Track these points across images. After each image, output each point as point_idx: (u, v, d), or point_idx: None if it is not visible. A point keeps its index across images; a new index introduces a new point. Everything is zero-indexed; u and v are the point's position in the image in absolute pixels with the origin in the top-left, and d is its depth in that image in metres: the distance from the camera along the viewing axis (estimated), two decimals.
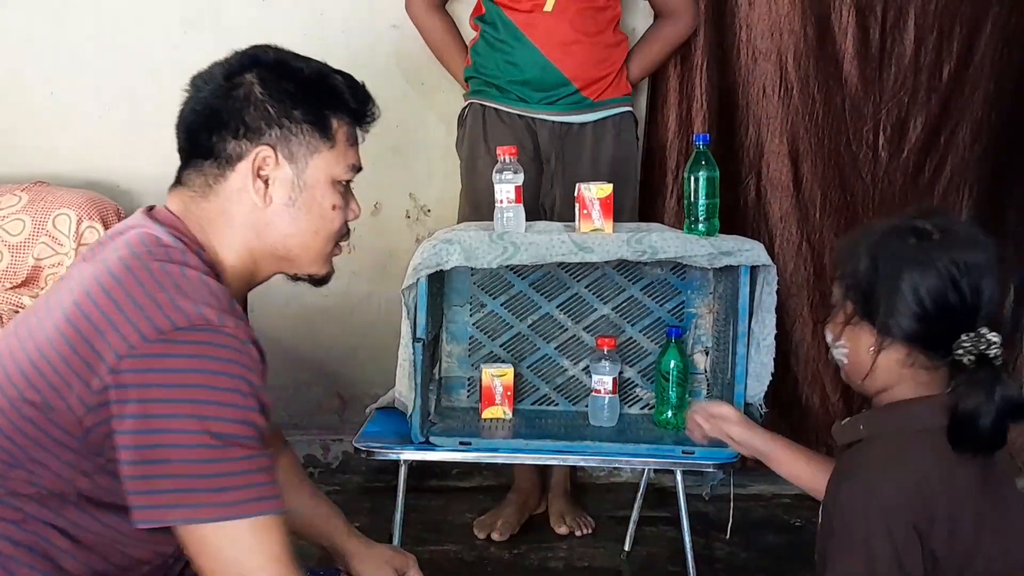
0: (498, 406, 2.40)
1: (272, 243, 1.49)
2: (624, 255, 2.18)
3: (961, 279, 1.49)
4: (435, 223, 3.25)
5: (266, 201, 1.46)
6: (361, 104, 1.55)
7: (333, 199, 1.52)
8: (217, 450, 1.26)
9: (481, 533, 2.97)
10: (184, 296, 1.30)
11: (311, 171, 1.48)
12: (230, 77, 1.46)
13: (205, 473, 1.26)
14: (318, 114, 1.48)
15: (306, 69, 1.50)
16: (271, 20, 3.19)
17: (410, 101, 3.27)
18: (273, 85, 1.46)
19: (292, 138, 1.46)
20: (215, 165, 1.46)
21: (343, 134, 1.52)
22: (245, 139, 1.44)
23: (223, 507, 1.26)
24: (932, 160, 3.25)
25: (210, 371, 1.28)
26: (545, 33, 2.83)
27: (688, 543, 2.30)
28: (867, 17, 3.16)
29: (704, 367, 2.49)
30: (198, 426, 1.25)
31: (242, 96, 1.45)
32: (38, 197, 2.96)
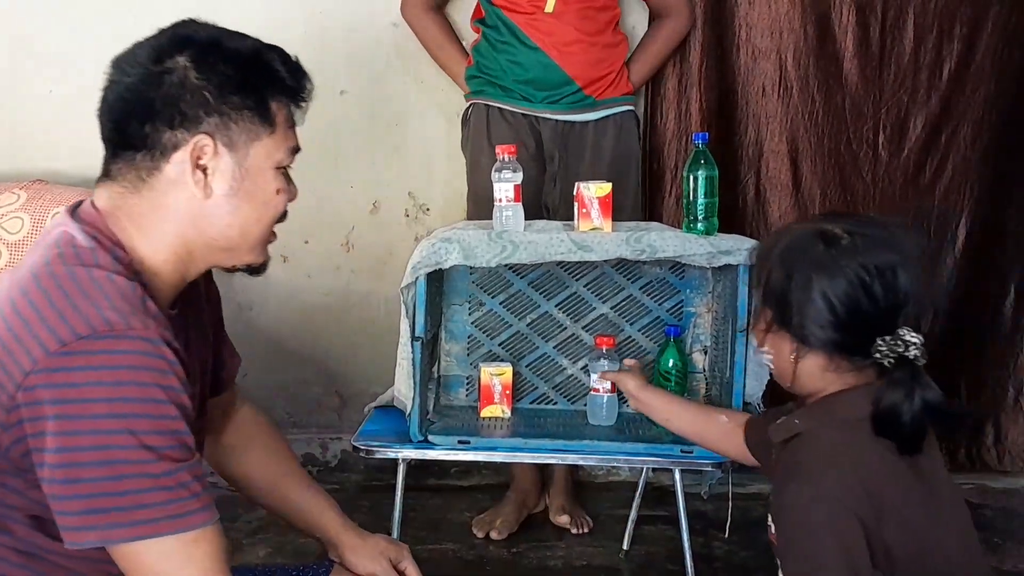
0: (497, 405, 2.39)
1: (211, 235, 1.40)
2: (623, 254, 2.17)
3: (872, 283, 1.48)
4: (434, 222, 3.25)
5: (206, 192, 1.37)
6: (298, 83, 1.45)
7: (276, 184, 1.43)
8: (132, 465, 1.20)
9: (480, 532, 2.97)
10: (89, 301, 1.24)
11: (252, 158, 1.40)
12: (160, 60, 1.35)
13: (120, 490, 1.20)
14: (258, 98, 1.39)
15: (242, 49, 1.40)
16: (270, 18, 3.18)
17: (409, 99, 3.27)
18: (209, 69, 1.36)
19: (232, 125, 1.37)
20: (148, 157, 1.36)
21: (283, 117, 1.43)
22: (182, 128, 1.35)
23: (143, 525, 1.21)
24: (933, 159, 3.25)
25: (116, 382, 1.21)
26: (546, 34, 2.85)
27: (687, 542, 2.29)
28: (867, 16, 3.16)
29: (703, 366, 2.49)
30: (108, 440, 1.19)
31: (176, 82, 1.35)
32: (37, 195, 2.96)
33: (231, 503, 2.98)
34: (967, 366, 3.37)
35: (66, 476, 1.20)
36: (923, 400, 1.44)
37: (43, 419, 1.20)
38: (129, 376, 1.21)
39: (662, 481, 3.16)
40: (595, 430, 2.33)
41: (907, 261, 1.51)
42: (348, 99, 3.26)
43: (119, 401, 1.20)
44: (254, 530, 2.92)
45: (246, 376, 3.23)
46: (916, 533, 1.45)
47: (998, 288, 3.35)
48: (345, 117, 3.27)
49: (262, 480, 1.76)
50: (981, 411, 3.39)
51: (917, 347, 1.47)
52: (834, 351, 1.52)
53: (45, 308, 1.24)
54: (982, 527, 3.04)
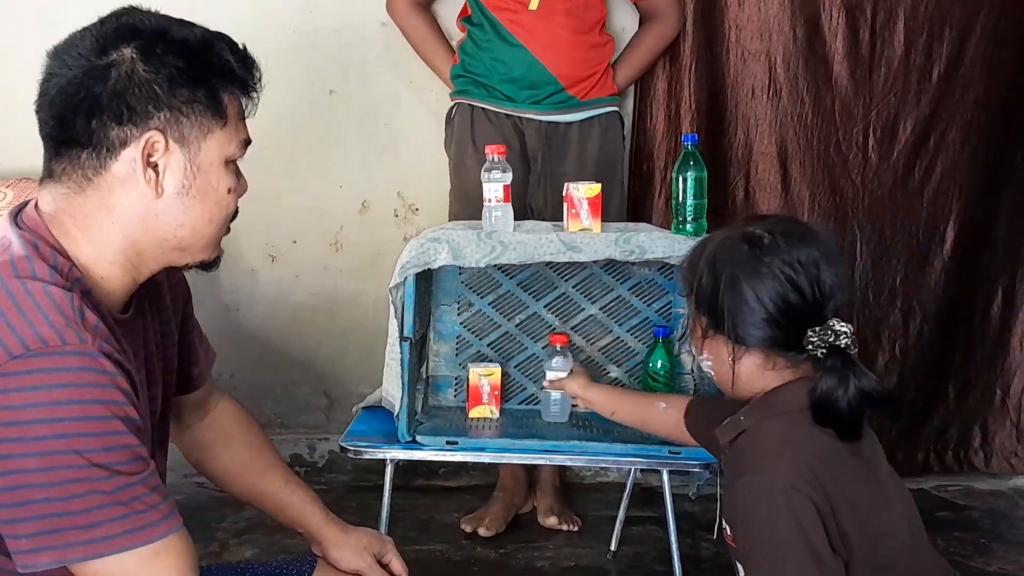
0: (485, 405, 2.39)
1: (162, 235, 1.35)
2: (612, 255, 2.17)
3: (798, 277, 1.51)
4: (423, 222, 3.24)
5: (157, 191, 1.32)
6: (249, 72, 1.40)
7: (228, 182, 1.38)
8: (82, 483, 1.16)
9: (468, 527, 2.97)
10: (23, 319, 1.18)
11: (204, 154, 1.34)
12: (104, 52, 1.29)
13: (72, 510, 1.16)
14: (208, 90, 1.33)
15: (190, 39, 1.34)
16: (261, 18, 3.18)
17: (399, 99, 3.27)
18: (157, 61, 1.30)
19: (183, 119, 1.31)
20: (94, 155, 1.30)
21: (234, 109, 1.38)
22: (130, 124, 1.29)
23: (101, 543, 1.18)
24: (922, 162, 3.26)
25: (54, 402, 1.15)
26: (531, 31, 2.86)
27: (674, 543, 2.29)
28: (857, 18, 3.17)
29: (691, 367, 2.48)
30: (55, 462, 1.15)
31: (124, 75, 1.28)
32: (24, 193, 2.95)
33: (219, 503, 3.00)
34: (955, 369, 3.38)
35: (13, 499, 1.16)
36: (857, 387, 1.47)
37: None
38: (67, 395, 1.16)
39: (650, 482, 3.16)
40: (583, 431, 2.33)
41: (828, 254, 1.55)
42: (337, 99, 3.26)
43: (60, 421, 1.15)
44: (241, 530, 2.92)
45: (234, 376, 3.28)
46: (866, 517, 1.46)
47: (986, 291, 3.36)
48: (334, 117, 3.26)
49: (242, 475, 1.74)
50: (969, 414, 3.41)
51: (847, 336, 1.50)
52: (770, 348, 1.54)
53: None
54: (969, 528, 3.08)
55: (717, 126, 3.21)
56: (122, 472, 1.19)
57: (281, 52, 3.23)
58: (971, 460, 3.42)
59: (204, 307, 2.76)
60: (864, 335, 3.31)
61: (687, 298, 1.66)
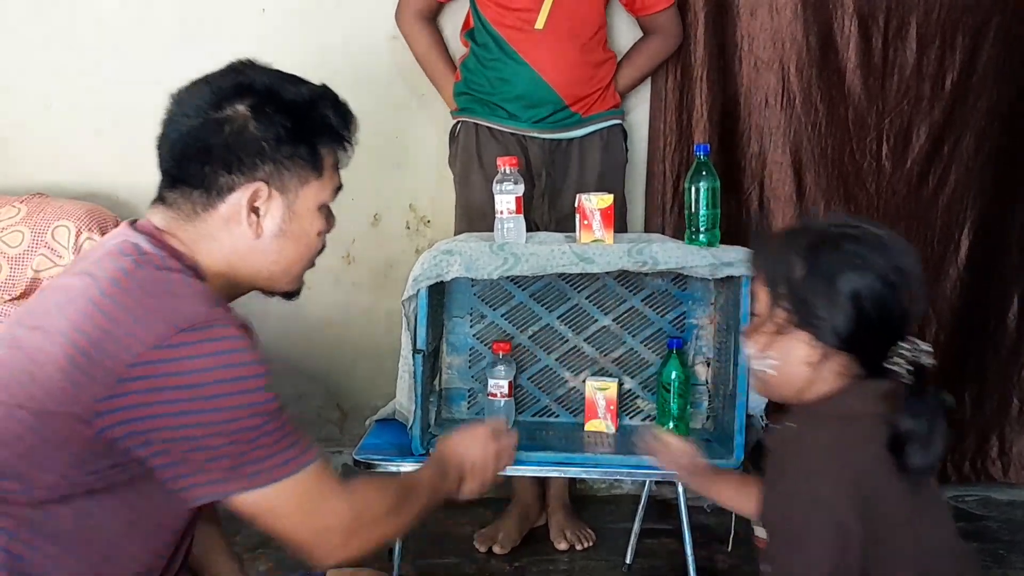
0: (601, 420, 2.40)
1: (257, 268, 1.54)
2: (625, 266, 2.17)
3: (899, 283, 1.46)
4: (435, 234, 3.24)
5: (257, 232, 1.50)
6: (348, 130, 1.60)
7: (319, 225, 1.57)
8: (253, 431, 1.36)
9: (482, 546, 2.95)
10: (177, 299, 1.37)
11: (301, 201, 1.53)
12: (220, 106, 1.48)
13: (249, 451, 1.36)
14: (309, 147, 1.52)
15: (297, 99, 1.52)
16: (271, 32, 3.19)
17: (409, 112, 3.26)
18: (267, 120, 1.48)
19: (284, 172, 1.50)
20: (204, 195, 1.48)
21: (330, 161, 1.57)
22: (239, 173, 1.48)
23: (282, 466, 1.39)
24: (936, 170, 3.24)
25: (227, 364, 1.34)
26: (536, 49, 2.86)
27: (690, 555, 2.28)
28: (869, 27, 3.16)
29: (705, 378, 2.48)
30: (232, 414, 1.34)
31: (236, 130, 1.47)
32: (37, 209, 2.95)
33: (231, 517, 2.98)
34: (971, 377, 3.36)
35: (202, 445, 1.34)
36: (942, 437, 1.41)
37: (158, 403, 1.32)
38: (232, 358, 1.35)
39: (665, 494, 3.14)
40: (598, 444, 2.32)
41: (920, 273, 1.50)
42: None
43: (233, 381, 1.34)
44: (255, 544, 2.90)
45: None
46: (905, 536, 1.43)
47: (1002, 298, 3.34)
48: None
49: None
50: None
51: (930, 355, 1.45)
52: (853, 352, 1.47)
53: (135, 307, 1.35)
54: (987, 539, 3.06)
55: (730, 136, 3.20)
56: (279, 414, 1.40)
57: (289, 67, 3.21)
58: (988, 470, 3.40)
59: None
60: None
61: (759, 291, 1.56)
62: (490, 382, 2.36)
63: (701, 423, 2.46)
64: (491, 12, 2.89)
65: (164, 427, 1.33)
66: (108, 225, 2.99)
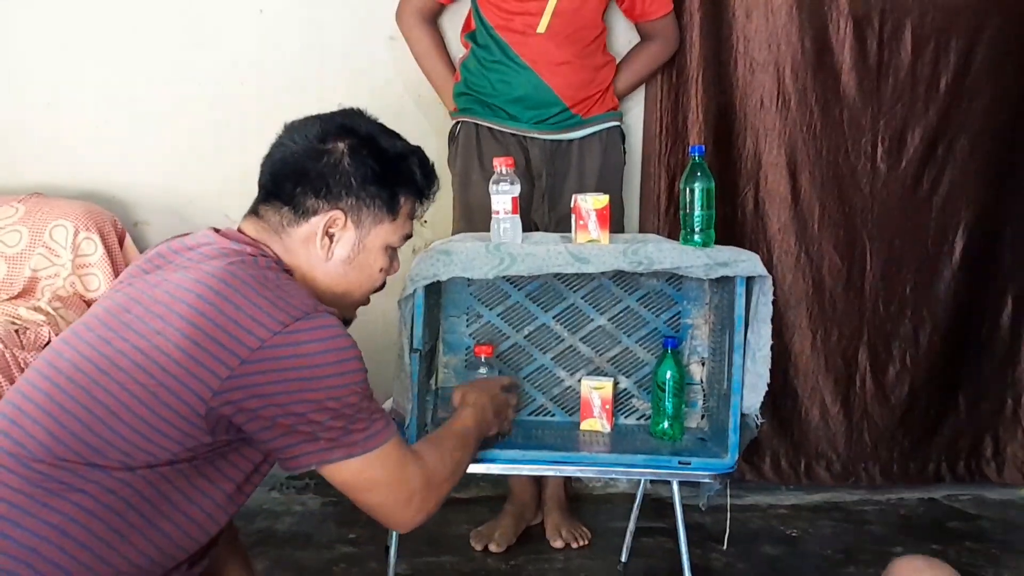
0: (596, 419, 2.41)
1: (321, 286, 1.72)
2: (621, 266, 2.17)
3: None
4: (432, 234, 3.24)
5: (327, 255, 1.70)
6: (428, 186, 1.80)
7: (383, 263, 1.78)
8: (353, 408, 1.55)
9: (478, 545, 2.96)
10: (287, 293, 1.55)
11: (371, 237, 1.73)
12: (324, 140, 1.69)
13: (355, 421, 1.56)
14: (391, 192, 1.73)
15: (391, 150, 1.73)
16: (270, 32, 3.20)
17: (407, 113, 3.27)
18: (360, 160, 1.69)
19: (363, 208, 1.71)
20: (291, 212, 1.69)
21: (406, 209, 1.77)
22: (324, 199, 1.68)
23: (373, 438, 1.59)
24: (930, 171, 3.26)
25: (335, 348, 1.53)
26: (537, 53, 2.90)
27: (685, 554, 2.29)
28: (864, 29, 3.17)
29: (700, 378, 2.49)
30: (340, 393, 1.53)
31: (332, 162, 1.68)
32: (35, 208, 2.96)
33: None
34: (965, 378, 3.37)
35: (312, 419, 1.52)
36: None
37: (277, 383, 1.49)
38: (340, 343, 1.54)
39: (660, 493, 3.16)
40: (593, 443, 2.33)
41: None
42: None
43: (342, 363, 1.54)
44: (252, 543, 2.92)
45: None
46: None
47: (996, 300, 3.36)
48: None
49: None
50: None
51: None
52: None
53: (254, 298, 1.52)
54: (980, 539, 3.07)
55: (726, 137, 3.21)
56: (370, 397, 1.61)
57: (290, 67, 3.24)
58: (982, 470, 3.42)
59: None
60: (875, 346, 3.31)
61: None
62: None
63: (696, 422, 2.47)
64: (493, 15, 2.92)
65: (276, 404, 1.50)
66: (106, 224, 3.00)
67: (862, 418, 3.35)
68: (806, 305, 3.29)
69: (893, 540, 3.08)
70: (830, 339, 3.30)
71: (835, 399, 3.32)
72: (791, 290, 3.26)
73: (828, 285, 3.28)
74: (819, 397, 3.33)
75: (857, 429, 3.34)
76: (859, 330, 3.31)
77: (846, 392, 3.33)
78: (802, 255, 3.26)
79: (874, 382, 3.33)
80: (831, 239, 3.26)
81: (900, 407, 3.34)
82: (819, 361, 3.31)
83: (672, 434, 2.34)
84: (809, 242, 3.26)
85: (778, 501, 3.34)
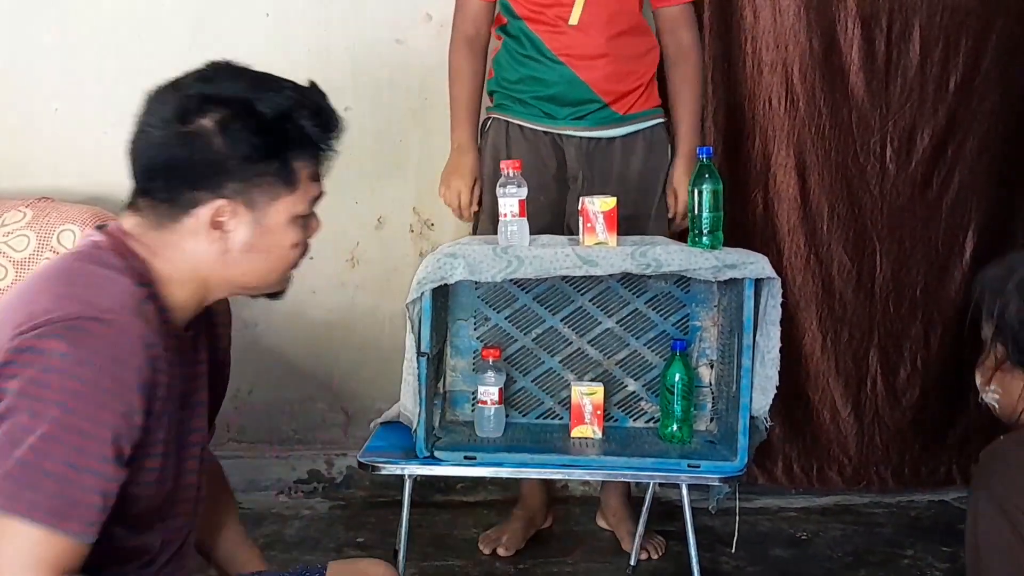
0: (587, 425, 2.39)
1: (227, 278, 1.48)
2: (628, 268, 2.17)
3: None
4: (439, 237, 3.24)
5: (224, 248, 1.44)
6: (326, 138, 1.50)
7: (293, 237, 1.49)
8: (56, 449, 1.24)
9: (486, 548, 2.95)
10: (89, 291, 1.33)
11: (271, 217, 1.45)
12: (185, 119, 1.39)
13: (38, 468, 1.23)
14: (281, 162, 1.43)
15: (269, 112, 1.41)
16: (275, 35, 3.20)
17: (413, 115, 3.27)
18: (235, 136, 1.39)
19: (253, 189, 1.42)
20: (170, 208, 1.42)
21: (306, 173, 1.48)
22: (204, 190, 1.41)
23: (17, 502, 1.23)
24: (940, 172, 3.24)
25: (77, 361, 1.26)
26: (570, 47, 2.76)
27: (694, 557, 2.28)
28: (872, 29, 3.16)
29: (709, 380, 2.47)
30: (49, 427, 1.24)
31: (201, 146, 1.39)
32: (43, 213, 2.96)
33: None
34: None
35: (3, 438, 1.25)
36: None
37: (11, 378, 1.26)
38: (90, 357, 1.26)
39: (669, 496, 3.14)
40: (602, 446, 2.32)
41: None
42: (352, 115, 3.17)
43: (73, 392, 1.25)
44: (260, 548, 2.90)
45: (251, 392, 3.29)
46: None
47: None
48: (349, 134, 3.22)
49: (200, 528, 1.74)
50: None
51: None
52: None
53: (45, 291, 1.33)
54: None
55: (734, 138, 3.20)
56: (88, 460, 1.26)
57: (295, 70, 3.21)
58: None
59: None
60: (885, 348, 3.30)
61: (984, 323, 1.51)
62: (480, 389, 2.35)
63: (705, 425, 2.46)
64: (521, 7, 2.79)
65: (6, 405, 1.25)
66: None
67: (873, 421, 3.33)
68: (816, 307, 3.27)
69: (903, 543, 3.07)
70: (840, 341, 3.28)
71: (846, 402, 3.31)
72: (801, 292, 3.25)
73: (838, 287, 3.27)
74: (830, 400, 3.31)
75: (868, 432, 3.32)
76: (869, 332, 3.29)
77: (857, 394, 3.31)
78: (811, 256, 3.25)
79: (885, 384, 3.31)
80: (841, 240, 3.24)
81: (911, 409, 3.32)
82: (829, 363, 3.29)
83: (681, 437, 2.33)
84: (819, 243, 3.24)
85: (788, 504, 3.33)
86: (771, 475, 3.33)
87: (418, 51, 3.17)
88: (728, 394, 2.31)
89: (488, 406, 2.35)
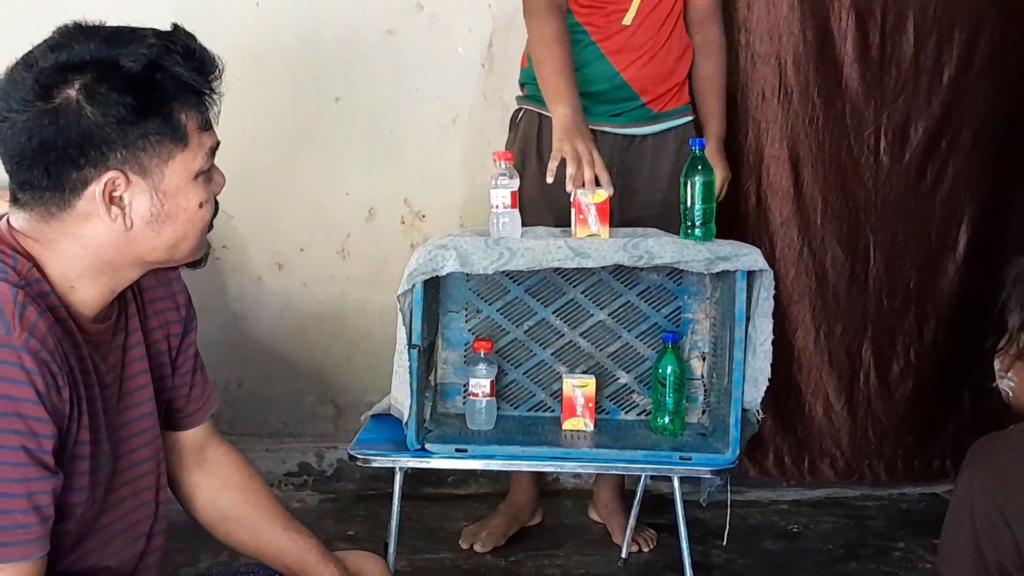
0: (579, 418, 2.37)
1: (137, 255, 1.35)
2: (620, 260, 2.16)
3: None
4: (430, 229, 3.23)
5: (126, 224, 1.31)
6: (205, 80, 1.35)
7: (198, 196, 1.37)
8: None
9: (465, 543, 2.93)
10: None
11: (168, 179, 1.33)
12: (47, 95, 1.26)
13: None
14: (163, 118, 1.30)
15: (135, 67, 1.28)
16: (265, 26, 3.18)
17: (404, 106, 3.26)
18: (104, 100, 1.26)
19: (140, 154, 1.30)
20: (56, 195, 1.29)
21: (194, 124, 1.34)
22: (88, 167, 1.27)
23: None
24: (934, 164, 3.23)
25: None
26: (620, 47, 2.76)
27: (685, 550, 2.27)
28: (867, 20, 3.15)
29: (701, 372, 2.46)
30: None
31: (72, 121, 1.26)
32: None
33: None
34: (970, 374, 3.34)
35: None
36: None
37: None
38: None
39: (660, 489, 3.14)
40: (593, 438, 2.31)
41: None
42: (343, 106, 3.25)
43: None
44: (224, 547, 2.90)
45: (241, 385, 3.27)
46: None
47: (1000, 293, 3.33)
48: (340, 124, 3.25)
49: (240, 522, 1.68)
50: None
51: None
52: None
53: None
54: None
55: (728, 130, 3.18)
56: (7, 485, 1.18)
57: (286, 61, 3.22)
58: None
59: (211, 316, 2.75)
60: (879, 341, 3.29)
61: (1012, 312, 1.53)
62: (471, 381, 2.34)
63: (697, 417, 2.45)
64: (575, 4, 2.75)
65: None
66: None
67: (866, 414, 3.32)
68: (809, 300, 3.26)
69: (894, 536, 3.07)
70: (833, 334, 3.28)
71: (839, 395, 3.30)
72: (794, 285, 3.24)
73: (831, 279, 3.26)
74: (823, 393, 3.30)
75: (861, 425, 3.32)
76: (863, 325, 3.28)
77: (850, 388, 3.31)
78: (805, 249, 3.24)
79: (878, 378, 3.30)
80: (834, 233, 3.23)
81: (904, 403, 3.32)
82: (822, 356, 3.29)
83: (673, 429, 2.32)
84: (812, 236, 3.23)
85: (779, 497, 3.32)
86: (763, 468, 3.32)
87: (409, 41, 3.15)
88: (720, 387, 2.31)
89: (479, 399, 2.34)
